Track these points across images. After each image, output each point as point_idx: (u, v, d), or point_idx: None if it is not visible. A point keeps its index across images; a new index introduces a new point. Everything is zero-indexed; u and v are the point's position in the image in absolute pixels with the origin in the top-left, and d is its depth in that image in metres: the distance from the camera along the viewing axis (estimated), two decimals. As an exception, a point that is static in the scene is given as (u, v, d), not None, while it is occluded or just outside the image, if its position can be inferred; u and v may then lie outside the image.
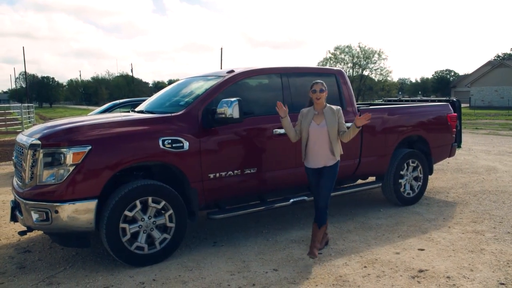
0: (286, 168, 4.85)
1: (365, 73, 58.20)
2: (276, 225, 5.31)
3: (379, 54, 56.06)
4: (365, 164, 5.56)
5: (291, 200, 4.92)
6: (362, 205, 6.24)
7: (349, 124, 4.67)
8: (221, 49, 60.51)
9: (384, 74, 57.69)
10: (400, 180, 5.96)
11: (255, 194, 4.85)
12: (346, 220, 5.47)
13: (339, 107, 4.24)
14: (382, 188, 6.02)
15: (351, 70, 57.12)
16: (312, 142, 4.15)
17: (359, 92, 55.73)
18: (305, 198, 5.01)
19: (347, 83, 5.56)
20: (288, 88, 5.00)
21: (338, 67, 52.89)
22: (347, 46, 57.25)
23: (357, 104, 6.46)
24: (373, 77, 59.34)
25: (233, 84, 4.70)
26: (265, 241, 4.71)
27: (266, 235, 4.92)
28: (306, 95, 5.20)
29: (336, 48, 57.68)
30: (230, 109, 4.14)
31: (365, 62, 57.13)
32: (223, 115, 4.20)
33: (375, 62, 56.82)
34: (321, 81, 4.23)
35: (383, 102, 9.29)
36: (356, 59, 57.13)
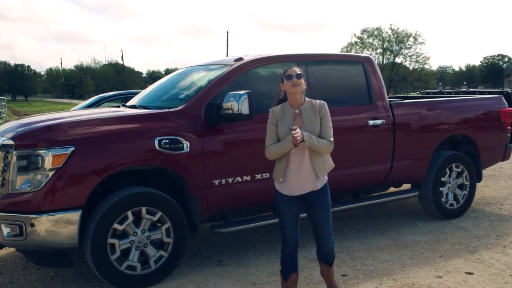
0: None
1: (398, 60, 58.02)
2: (293, 241, 5.27)
3: (414, 38, 55.84)
4: (398, 169, 5.52)
5: (311, 212, 4.88)
6: (395, 217, 6.19)
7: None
8: (227, 33, 61.18)
9: (420, 61, 57.45)
10: (441, 189, 5.90)
11: (267, 204, 4.84)
12: (376, 236, 5.43)
13: (323, 102, 3.52)
14: (419, 197, 5.97)
15: (380, 57, 56.98)
16: (293, 158, 3.42)
17: (391, 83, 55.54)
18: (327, 209, 4.97)
19: (377, 72, 5.53)
20: (306, 78, 4.94)
21: (366, 53, 52.77)
22: (377, 29, 57.11)
23: (389, 98, 6.41)
24: (407, 65, 59.12)
25: (241, 74, 4.69)
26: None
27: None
28: (328, 87, 5.21)
29: (363, 31, 57.60)
30: (238, 103, 4.13)
31: (397, 48, 56.92)
32: (230, 111, 4.19)
33: (410, 47, 56.59)
34: (296, 66, 3.65)
35: (419, 95, 9.20)
36: (387, 44, 56.96)
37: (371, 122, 5.19)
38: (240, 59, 4.89)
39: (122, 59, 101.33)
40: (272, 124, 3.49)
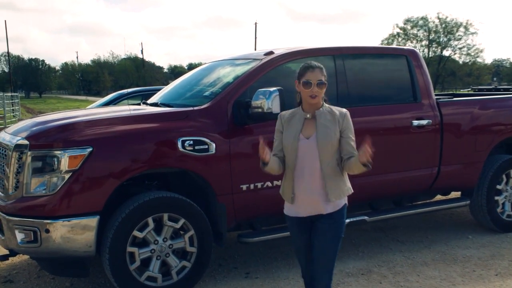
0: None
1: (446, 53, 56.92)
2: (327, 253, 5.26)
3: (465, 28, 54.61)
4: (446, 174, 5.44)
5: (347, 221, 4.79)
6: (443, 229, 6.10)
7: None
8: (255, 24, 61.40)
9: (472, 54, 56.17)
10: (496, 197, 5.78)
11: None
12: (421, 249, 5.37)
13: (345, 110, 3.17)
14: (470, 207, 5.87)
15: (426, 50, 56.06)
16: (299, 171, 3.10)
17: (437, 78, 54.59)
18: (365, 218, 4.98)
19: (423, 67, 5.46)
20: (343, 74, 4.96)
21: (409, 45, 52.07)
22: (422, 18, 56.14)
23: (436, 95, 6.32)
24: (457, 58, 57.93)
25: (272, 69, 4.71)
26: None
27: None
28: (367, 83, 5.18)
29: (407, 21, 56.70)
30: (268, 101, 4.14)
31: (446, 39, 55.83)
32: (260, 110, 4.20)
33: (460, 38, 55.38)
34: (319, 65, 3.13)
35: (471, 92, 9.04)
36: (433, 35, 55.96)
37: (415, 122, 5.12)
38: (271, 52, 4.91)
39: (142, 52, 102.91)
40: (278, 131, 3.22)
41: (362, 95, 5.04)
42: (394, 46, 42.20)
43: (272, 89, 4.18)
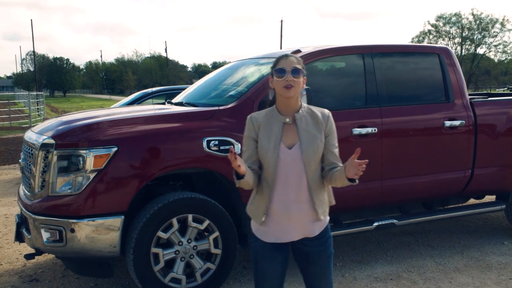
0: (369, 180, 4.78)
1: (480, 51, 55.97)
2: (355, 256, 5.27)
3: (502, 24, 53.57)
4: (480, 177, 5.35)
5: (375, 224, 4.86)
6: (476, 234, 6.02)
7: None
8: (281, 22, 60.98)
9: (509, 51, 55.10)
10: (532, 201, 5.66)
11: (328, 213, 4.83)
12: (453, 255, 5.30)
13: (328, 111, 2.80)
14: (506, 212, 5.76)
15: (459, 48, 55.20)
16: (281, 187, 2.68)
17: (470, 77, 53.71)
18: (394, 221, 4.94)
19: (456, 66, 5.39)
20: (372, 73, 4.94)
21: (441, 43, 51.32)
22: (455, 14, 55.31)
23: (469, 95, 6.23)
24: (492, 56, 56.92)
25: (299, 68, 4.70)
26: (340, 278, 4.68)
27: (341, 269, 4.89)
28: (398, 83, 5.14)
29: (439, 18, 55.96)
30: (295, 100, 4.14)
31: (480, 36, 54.88)
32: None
33: (496, 35, 54.38)
34: (295, 55, 2.81)
35: (507, 91, 8.88)
36: (467, 32, 55.06)
37: (447, 123, 5.06)
38: (298, 51, 4.91)
39: (166, 51, 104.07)
40: (249, 137, 2.74)
41: (392, 95, 5.00)
42: (425, 44, 41.73)
43: (299, 88, 4.16)
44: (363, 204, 4.94)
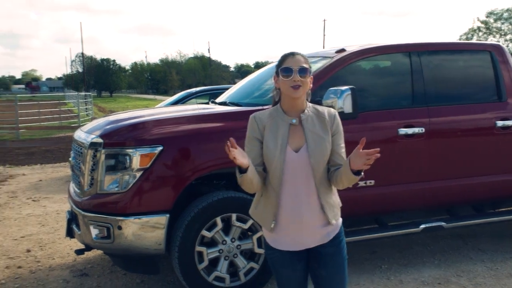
0: (415, 181, 4.71)
1: (533, 47, 53.97)
2: (401, 259, 5.19)
3: (558, 19, 51.57)
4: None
5: (422, 226, 4.77)
6: (529, 238, 5.81)
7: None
8: (324, 21, 60.63)
9: None
10: None
11: (371, 215, 4.80)
12: (505, 260, 5.15)
13: (333, 110, 2.68)
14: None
15: (511, 45, 53.39)
16: (288, 192, 2.57)
17: (523, 75, 51.87)
18: (443, 224, 4.84)
19: (509, 63, 5.23)
20: (419, 71, 4.85)
21: (492, 40, 49.83)
22: (507, 10, 53.53)
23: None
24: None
25: (344, 67, 4.68)
26: (385, 280, 4.62)
27: (386, 272, 4.83)
28: (446, 82, 5.03)
29: (489, 14, 54.27)
30: (340, 100, 4.12)
31: (533, 32, 52.97)
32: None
33: (551, 31, 52.37)
34: (302, 53, 2.65)
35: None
36: (519, 29, 53.22)
37: (499, 123, 4.91)
38: (343, 50, 4.87)
39: (209, 51, 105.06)
40: (253, 138, 2.63)
41: (440, 94, 4.90)
42: (475, 41, 40.60)
43: (344, 88, 4.14)
44: (409, 206, 4.86)
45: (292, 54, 2.61)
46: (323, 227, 2.61)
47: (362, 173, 2.45)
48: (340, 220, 2.70)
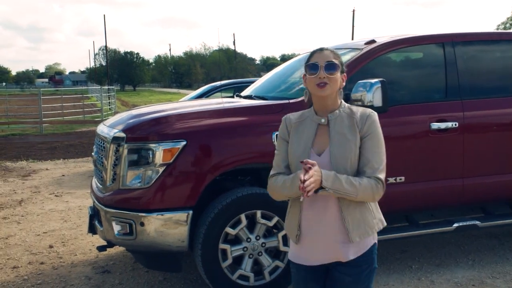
0: (449, 177, 4.63)
1: None
2: (432, 259, 5.12)
3: None
4: None
5: (455, 225, 4.68)
6: None
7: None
8: (353, 11, 59.73)
9: None
10: None
11: (402, 212, 4.73)
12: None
13: (370, 111, 2.48)
14: None
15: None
16: (309, 200, 2.34)
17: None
18: (477, 222, 4.74)
19: (549, 54, 5.08)
20: (453, 63, 4.75)
21: (529, 30, 48.77)
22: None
23: None
24: None
25: (373, 59, 4.61)
26: (416, 281, 4.56)
27: (416, 272, 4.78)
28: (482, 74, 4.91)
29: (527, 2, 53.02)
30: (369, 94, 4.06)
31: None
32: (360, 103, 4.12)
33: None
34: (331, 49, 2.49)
35: None
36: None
37: (538, 117, 4.79)
38: (372, 41, 4.80)
39: (234, 44, 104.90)
40: (281, 139, 2.55)
41: (476, 87, 4.79)
42: None
43: (373, 80, 4.08)
44: (442, 203, 4.78)
45: (320, 50, 2.46)
46: (343, 244, 2.38)
47: (319, 191, 2.25)
48: (372, 241, 2.46)
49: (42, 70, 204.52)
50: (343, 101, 2.49)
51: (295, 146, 2.45)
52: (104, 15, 52.23)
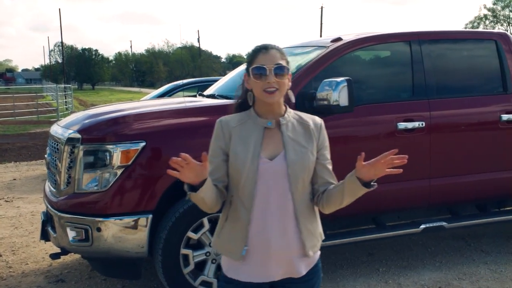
0: (416, 179, 4.71)
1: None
2: (399, 261, 5.20)
3: None
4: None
5: (422, 226, 4.78)
6: (535, 239, 5.84)
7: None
8: (321, 8, 60.34)
9: None
10: None
11: (369, 214, 4.80)
12: (509, 262, 5.18)
13: (319, 119, 2.41)
14: None
15: (518, 34, 53.71)
16: (260, 209, 2.22)
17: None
18: (444, 224, 4.86)
19: (516, 53, 5.23)
20: (420, 62, 4.85)
21: (499, 29, 50.09)
22: (515, -3, 53.87)
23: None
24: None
25: (340, 57, 4.67)
26: (383, 284, 4.64)
27: (383, 275, 4.85)
28: (448, 72, 5.03)
29: (497, 1, 54.56)
30: (335, 93, 4.11)
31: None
32: (326, 102, 4.18)
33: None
34: (276, 46, 2.31)
35: None
36: (527, 17, 53.55)
37: (505, 116, 4.93)
38: (339, 39, 4.87)
39: (199, 41, 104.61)
40: (216, 147, 2.32)
41: (442, 86, 4.90)
42: (480, 30, 40.67)
43: (339, 79, 4.14)
44: (408, 205, 4.86)
45: (265, 48, 2.26)
46: (297, 258, 2.26)
47: (375, 184, 2.19)
48: (318, 253, 2.37)
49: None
50: (287, 105, 2.35)
51: (241, 151, 2.23)
52: (59, 9, 51.42)
